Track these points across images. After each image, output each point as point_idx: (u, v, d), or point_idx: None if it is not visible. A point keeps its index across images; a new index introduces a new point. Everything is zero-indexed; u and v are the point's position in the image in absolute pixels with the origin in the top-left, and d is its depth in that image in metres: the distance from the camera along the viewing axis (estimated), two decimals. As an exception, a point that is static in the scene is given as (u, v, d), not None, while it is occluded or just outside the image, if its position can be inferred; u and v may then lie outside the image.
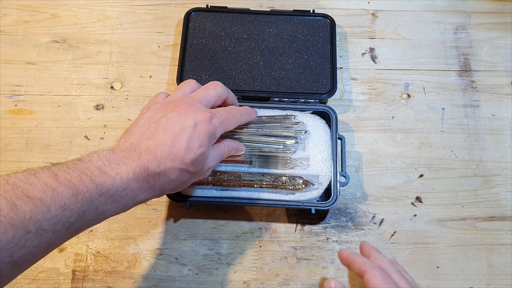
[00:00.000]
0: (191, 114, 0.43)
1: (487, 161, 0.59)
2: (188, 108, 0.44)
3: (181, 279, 0.53)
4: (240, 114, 0.49)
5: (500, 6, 0.68)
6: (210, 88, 0.48)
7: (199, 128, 0.43)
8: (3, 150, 0.59)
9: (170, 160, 0.41)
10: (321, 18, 0.63)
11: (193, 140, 0.42)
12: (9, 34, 0.65)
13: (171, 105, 0.45)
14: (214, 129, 0.44)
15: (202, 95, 0.46)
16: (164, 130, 0.42)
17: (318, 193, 0.54)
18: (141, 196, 0.41)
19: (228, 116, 0.46)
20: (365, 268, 0.41)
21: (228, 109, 0.48)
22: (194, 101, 0.45)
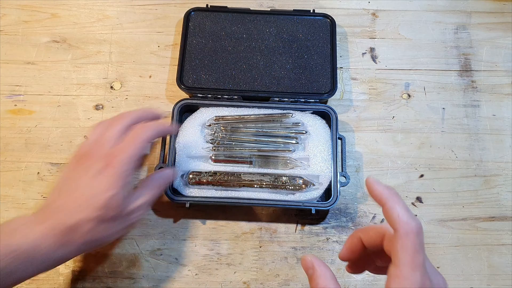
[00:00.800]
0: (95, 163, 0.44)
1: (487, 161, 0.59)
2: (92, 157, 0.45)
3: (181, 280, 0.53)
4: (145, 131, 0.47)
5: (500, 6, 0.68)
6: (113, 126, 0.47)
7: (103, 173, 0.43)
8: (2, 150, 0.59)
9: (80, 212, 0.42)
10: (321, 17, 0.63)
11: (99, 187, 0.43)
12: (8, 34, 0.65)
13: (81, 159, 0.45)
14: (119, 169, 0.43)
15: (106, 137, 0.46)
16: (74, 185, 0.43)
17: (318, 193, 0.54)
18: (58, 253, 0.41)
19: (132, 146, 0.45)
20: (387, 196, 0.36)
21: (131, 137, 0.46)
22: (99, 147, 0.45)
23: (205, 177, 0.54)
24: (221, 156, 0.56)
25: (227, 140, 0.56)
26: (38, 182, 0.57)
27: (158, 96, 0.62)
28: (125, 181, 0.44)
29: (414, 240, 0.34)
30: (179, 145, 0.56)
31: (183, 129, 0.57)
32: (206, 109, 0.58)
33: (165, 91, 0.62)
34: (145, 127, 0.47)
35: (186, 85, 0.59)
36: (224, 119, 0.57)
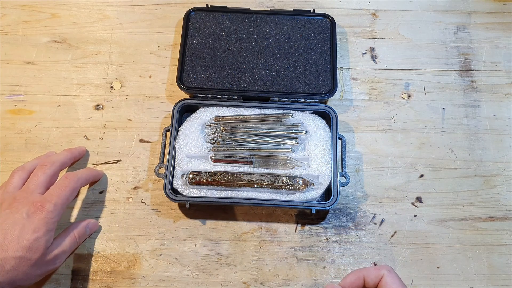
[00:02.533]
0: (23, 207, 0.46)
1: (487, 161, 0.59)
2: (20, 202, 0.46)
3: (181, 280, 0.53)
4: (76, 180, 0.50)
5: (500, 6, 0.68)
6: (39, 173, 0.50)
7: (32, 217, 0.45)
8: (2, 150, 0.59)
9: (3, 251, 0.43)
10: (321, 17, 0.63)
11: (25, 228, 0.44)
12: (8, 34, 0.65)
13: (5, 203, 0.47)
14: (48, 214, 0.46)
15: (32, 183, 0.49)
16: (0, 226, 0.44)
17: (318, 193, 0.54)
18: None
19: (61, 193, 0.48)
20: (382, 271, 0.43)
21: (60, 184, 0.49)
22: (26, 193, 0.48)
23: (205, 177, 0.54)
24: (221, 156, 0.56)
25: (227, 140, 0.56)
26: (38, 182, 0.57)
27: (158, 96, 0.62)
28: (51, 227, 0.46)
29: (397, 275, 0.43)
30: (179, 145, 0.56)
31: (183, 129, 0.57)
32: (206, 109, 0.58)
33: (165, 91, 0.62)
34: (75, 174, 0.51)
35: (186, 85, 0.59)
36: (224, 119, 0.57)
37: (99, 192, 0.57)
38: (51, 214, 0.46)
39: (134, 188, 0.57)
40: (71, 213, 0.55)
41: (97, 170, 0.56)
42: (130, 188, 0.57)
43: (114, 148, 0.59)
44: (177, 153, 0.56)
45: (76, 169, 0.57)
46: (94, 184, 0.57)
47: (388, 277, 0.42)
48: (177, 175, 0.55)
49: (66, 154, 0.54)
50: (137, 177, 0.58)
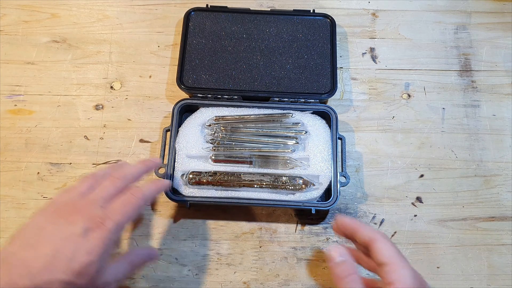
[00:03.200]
0: (82, 220, 0.39)
1: (487, 161, 0.59)
2: (79, 213, 0.40)
3: (181, 280, 0.53)
4: (142, 198, 0.43)
5: (500, 6, 0.68)
6: (108, 184, 0.43)
7: (89, 235, 0.39)
8: (2, 150, 0.59)
9: (48, 272, 0.36)
10: (321, 17, 0.63)
11: (79, 249, 0.38)
12: (8, 34, 0.65)
13: (62, 210, 0.40)
14: (108, 234, 0.39)
15: (98, 194, 0.42)
16: (48, 238, 0.38)
17: (318, 193, 0.54)
18: None
19: (125, 210, 0.41)
20: (375, 236, 0.41)
21: (125, 201, 0.42)
22: (87, 204, 0.41)
23: (205, 177, 0.54)
24: (221, 156, 0.56)
25: (227, 140, 0.56)
26: (38, 182, 0.57)
27: (158, 96, 0.62)
28: (108, 249, 0.40)
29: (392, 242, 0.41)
30: (179, 145, 0.56)
31: (183, 129, 0.57)
32: (206, 109, 0.58)
33: (165, 91, 0.62)
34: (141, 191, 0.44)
35: (186, 85, 0.59)
36: (224, 119, 0.57)
37: (99, 192, 0.57)
38: (110, 234, 0.39)
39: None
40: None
41: (162, 182, 0.49)
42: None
43: (114, 148, 0.59)
44: (177, 153, 0.56)
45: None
46: None
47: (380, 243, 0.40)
48: (177, 175, 0.55)
49: (141, 168, 0.47)
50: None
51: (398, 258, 0.39)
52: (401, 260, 0.39)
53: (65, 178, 0.57)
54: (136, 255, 0.45)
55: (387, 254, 0.40)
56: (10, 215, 0.56)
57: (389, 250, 0.40)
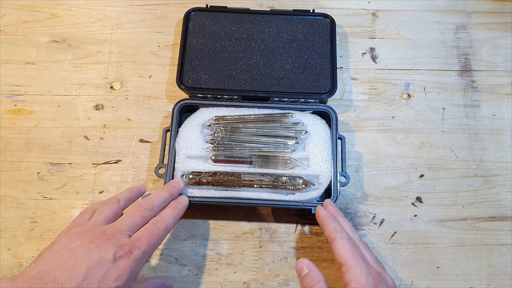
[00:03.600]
0: (111, 248, 0.41)
1: (487, 161, 0.59)
2: (108, 240, 0.42)
3: (181, 280, 0.53)
4: (165, 228, 0.46)
5: (500, 6, 0.68)
6: (137, 214, 0.45)
7: (119, 263, 0.41)
8: (2, 150, 0.59)
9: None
10: (321, 17, 0.63)
11: (109, 274, 0.40)
12: (8, 34, 0.65)
13: (90, 234, 0.42)
14: (135, 262, 0.42)
15: (126, 223, 0.44)
16: (79, 261, 0.40)
17: (318, 193, 0.54)
18: None
19: (150, 240, 0.44)
20: (334, 235, 0.44)
21: (150, 231, 0.45)
22: (116, 232, 0.43)
23: (205, 177, 0.54)
24: (221, 156, 0.56)
25: (227, 140, 0.56)
26: (38, 182, 0.57)
27: (158, 96, 0.62)
28: (134, 276, 0.42)
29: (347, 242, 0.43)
30: (179, 145, 0.56)
31: (183, 129, 0.57)
32: (206, 109, 0.58)
33: (165, 91, 0.62)
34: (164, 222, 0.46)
35: (186, 85, 0.59)
36: (224, 119, 0.57)
37: (99, 192, 0.57)
38: (137, 262, 0.42)
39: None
40: (71, 213, 0.55)
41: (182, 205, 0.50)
42: None
43: (114, 148, 0.59)
44: (177, 153, 0.56)
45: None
46: None
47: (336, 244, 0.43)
48: (177, 175, 0.55)
49: (165, 196, 0.49)
50: (137, 177, 0.58)
51: (351, 257, 0.42)
52: (355, 259, 0.42)
53: (65, 178, 0.57)
54: (153, 284, 0.47)
55: (342, 254, 0.42)
56: (10, 215, 0.56)
57: (344, 250, 0.42)
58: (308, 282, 0.43)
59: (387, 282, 0.43)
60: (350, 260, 0.42)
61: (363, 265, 0.41)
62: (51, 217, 0.55)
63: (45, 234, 0.55)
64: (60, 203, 0.56)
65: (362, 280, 0.41)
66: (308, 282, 0.43)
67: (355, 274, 0.41)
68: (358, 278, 0.41)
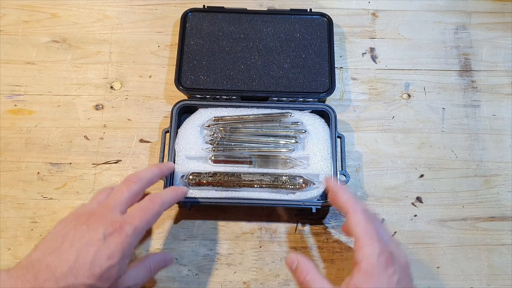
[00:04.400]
0: (101, 226, 0.41)
1: (487, 161, 0.59)
2: (98, 219, 0.41)
3: (181, 280, 0.53)
4: (161, 204, 0.45)
5: (500, 6, 0.68)
6: (123, 188, 0.44)
7: (109, 240, 0.40)
8: (2, 150, 0.59)
9: (72, 276, 0.38)
10: (318, 16, 0.63)
11: (100, 253, 0.39)
12: (8, 34, 0.65)
13: (82, 217, 0.42)
14: (127, 239, 0.41)
15: (114, 199, 0.44)
16: (69, 244, 0.40)
17: (319, 192, 0.54)
18: None
19: (143, 215, 0.43)
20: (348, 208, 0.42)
21: (144, 206, 0.44)
22: (106, 211, 0.42)
23: (205, 178, 0.54)
24: (221, 156, 0.56)
25: (226, 140, 0.56)
26: (38, 182, 0.57)
27: (158, 96, 0.62)
28: (128, 253, 0.41)
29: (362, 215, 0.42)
30: (179, 146, 0.56)
31: (182, 130, 0.57)
32: (205, 110, 0.58)
33: (165, 91, 0.62)
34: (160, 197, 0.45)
35: (185, 86, 0.59)
36: (223, 119, 0.57)
37: (99, 192, 0.57)
38: (130, 238, 0.41)
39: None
40: (71, 213, 0.56)
41: (181, 189, 0.50)
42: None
43: (114, 148, 0.59)
44: (176, 155, 0.55)
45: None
46: None
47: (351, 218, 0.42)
48: (177, 176, 0.55)
49: (154, 170, 0.48)
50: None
51: (365, 234, 0.41)
52: (368, 237, 0.40)
53: (65, 178, 0.57)
54: (153, 260, 0.46)
55: (357, 230, 0.41)
56: (10, 215, 0.56)
57: (359, 225, 0.41)
58: (299, 274, 0.42)
59: (400, 261, 0.42)
60: (364, 237, 0.40)
61: (376, 243, 0.40)
62: (51, 217, 0.55)
63: (45, 234, 0.55)
64: (60, 203, 0.56)
65: (373, 260, 0.39)
66: (299, 274, 0.42)
67: (366, 253, 0.40)
68: (369, 258, 0.39)
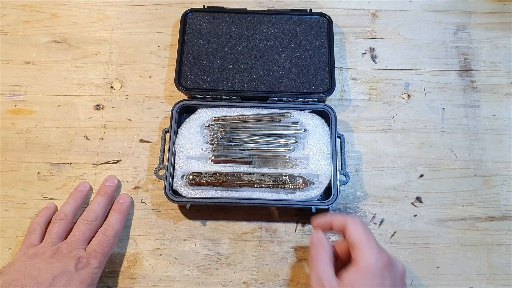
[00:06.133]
0: (71, 260, 0.47)
1: (487, 161, 0.59)
2: (66, 255, 0.48)
3: (181, 279, 0.53)
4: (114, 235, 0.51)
5: (500, 6, 0.68)
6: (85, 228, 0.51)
7: (80, 271, 0.47)
8: (2, 150, 0.59)
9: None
10: (318, 17, 0.63)
11: (73, 279, 0.46)
12: (9, 34, 0.65)
13: (48, 253, 0.48)
14: (94, 270, 0.48)
15: (78, 238, 0.50)
16: (44, 270, 0.45)
17: (319, 192, 0.54)
18: None
19: (104, 248, 0.50)
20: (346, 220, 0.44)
21: (102, 241, 0.50)
22: (71, 249, 0.49)
23: (205, 178, 0.54)
24: (221, 156, 0.56)
25: (226, 140, 0.56)
26: (38, 182, 0.57)
27: (158, 96, 0.62)
28: (95, 281, 0.48)
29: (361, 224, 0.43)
30: (179, 146, 0.56)
31: (182, 130, 0.57)
32: (205, 110, 0.58)
33: (165, 91, 0.62)
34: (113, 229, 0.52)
35: (185, 86, 0.59)
36: (223, 119, 0.57)
37: (99, 192, 0.57)
38: (97, 270, 0.48)
39: (134, 188, 0.57)
40: (71, 213, 0.56)
41: (125, 206, 0.55)
42: (130, 188, 0.57)
43: (114, 148, 0.59)
44: (176, 154, 0.56)
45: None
46: None
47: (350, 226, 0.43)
48: (177, 176, 0.55)
49: (105, 203, 0.54)
50: (137, 177, 0.58)
51: (365, 239, 0.42)
52: (368, 241, 0.42)
53: (65, 178, 0.57)
54: None
55: (356, 235, 0.42)
56: (10, 215, 0.56)
57: (358, 231, 0.43)
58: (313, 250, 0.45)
59: (398, 266, 0.44)
60: (365, 241, 0.42)
61: (375, 248, 0.41)
62: (51, 217, 0.55)
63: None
64: (60, 203, 0.56)
65: (372, 261, 0.40)
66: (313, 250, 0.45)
67: (367, 253, 0.41)
68: (368, 259, 0.41)
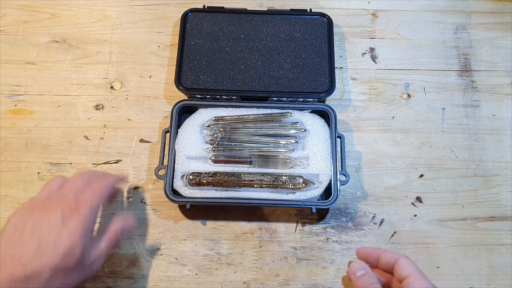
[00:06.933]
0: (58, 210, 0.43)
1: (487, 161, 0.59)
2: (54, 205, 0.44)
3: (181, 279, 0.53)
4: (107, 185, 0.48)
5: (500, 6, 0.68)
6: (77, 178, 0.47)
7: (68, 222, 0.42)
8: (2, 150, 0.59)
9: (39, 259, 0.40)
10: (318, 17, 0.63)
11: (61, 234, 0.42)
12: (9, 34, 0.65)
13: (36, 206, 0.44)
14: (84, 218, 0.43)
15: (69, 188, 0.46)
16: (30, 233, 0.41)
17: (319, 192, 0.54)
18: None
19: (95, 196, 0.46)
20: (398, 256, 0.44)
21: (94, 190, 0.46)
22: (61, 197, 0.45)
23: (205, 178, 0.54)
24: (221, 156, 0.56)
25: (226, 140, 0.56)
26: (38, 182, 0.57)
27: (158, 96, 0.62)
28: (89, 229, 0.44)
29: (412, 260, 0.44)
30: (179, 146, 0.56)
31: (182, 130, 0.57)
32: (205, 110, 0.58)
33: (165, 91, 0.62)
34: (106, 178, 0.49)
35: (185, 86, 0.59)
36: (223, 119, 0.57)
37: (99, 192, 0.57)
38: (87, 217, 0.44)
39: (134, 188, 0.57)
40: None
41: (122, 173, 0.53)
42: (130, 188, 0.57)
43: (114, 148, 0.59)
44: (176, 155, 0.56)
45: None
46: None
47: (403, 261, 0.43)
48: (177, 176, 0.55)
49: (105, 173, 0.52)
50: (137, 177, 0.58)
51: (418, 272, 0.43)
52: (420, 275, 0.43)
53: (65, 178, 0.57)
54: (112, 231, 0.47)
55: (409, 269, 0.43)
56: (10, 215, 0.56)
57: (411, 266, 0.43)
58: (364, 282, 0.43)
59: None
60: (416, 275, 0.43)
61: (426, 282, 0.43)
62: (51, 217, 0.55)
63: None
64: (60, 203, 0.56)
65: None
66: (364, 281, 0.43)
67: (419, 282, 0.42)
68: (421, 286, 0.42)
